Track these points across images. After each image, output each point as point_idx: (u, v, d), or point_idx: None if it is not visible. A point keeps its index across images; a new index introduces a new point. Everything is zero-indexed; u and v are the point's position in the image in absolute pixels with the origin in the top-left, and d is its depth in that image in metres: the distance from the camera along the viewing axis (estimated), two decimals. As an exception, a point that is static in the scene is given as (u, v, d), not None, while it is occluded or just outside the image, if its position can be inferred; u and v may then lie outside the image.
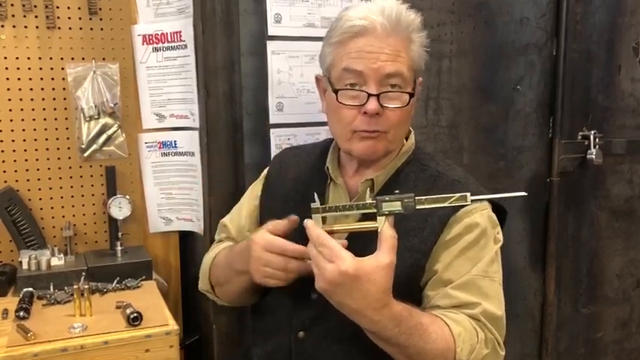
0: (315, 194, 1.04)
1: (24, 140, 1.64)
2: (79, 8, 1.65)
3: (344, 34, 1.10)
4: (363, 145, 1.12)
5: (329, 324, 1.12)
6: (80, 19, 1.65)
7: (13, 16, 1.59)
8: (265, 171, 1.37)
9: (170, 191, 1.74)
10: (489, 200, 1.14)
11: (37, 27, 1.61)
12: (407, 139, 1.22)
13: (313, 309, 1.13)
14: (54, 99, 1.66)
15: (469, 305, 1.07)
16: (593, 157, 1.97)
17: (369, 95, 1.08)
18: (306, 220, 1.01)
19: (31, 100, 1.64)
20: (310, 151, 1.33)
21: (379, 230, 0.96)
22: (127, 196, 1.68)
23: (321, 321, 1.13)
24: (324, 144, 1.32)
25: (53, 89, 1.65)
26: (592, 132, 1.99)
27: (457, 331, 1.02)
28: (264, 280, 1.09)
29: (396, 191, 0.99)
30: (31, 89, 1.63)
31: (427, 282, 1.11)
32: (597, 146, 1.98)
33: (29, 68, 1.62)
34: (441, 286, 1.09)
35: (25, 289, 1.47)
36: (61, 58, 1.65)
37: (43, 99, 1.65)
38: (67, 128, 1.68)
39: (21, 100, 1.63)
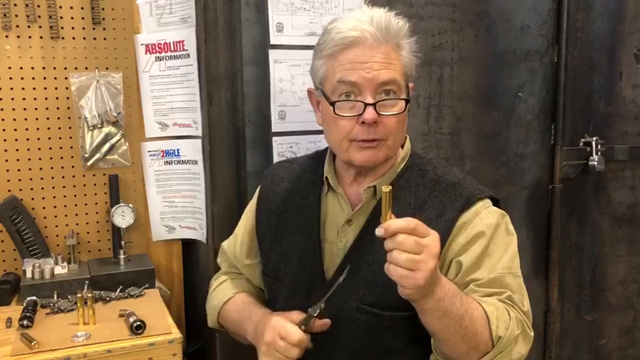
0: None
1: (28, 149, 1.65)
2: (83, 18, 1.66)
3: (335, 46, 1.11)
4: (363, 155, 1.12)
5: (339, 334, 1.13)
6: (84, 29, 1.66)
7: (17, 26, 1.60)
8: (258, 189, 1.36)
9: (173, 199, 1.74)
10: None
11: (40, 37, 1.62)
12: (402, 145, 1.22)
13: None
14: (57, 108, 1.67)
15: (496, 294, 1.09)
16: (595, 163, 1.97)
17: (366, 105, 1.09)
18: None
19: (35, 109, 1.65)
20: (302, 163, 1.33)
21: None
22: (130, 205, 1.69)
23: (331, 332, 1.13)
24: (316, 155, 1.32)
25: (57, 98, 1.66)
26: (594, 138, 1.99)
27: (489, 309, 1.04)
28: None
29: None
30: (35, 99, 1.64)
31: None
32: (599, 153, 1.98)
33: (33, 78, 1.63)
34: (465, 287, 1.10)
35: (28, 298, 1.47)
36: (65, 68, 1.66)
37: (47, 108, 1.66)
38: (70, 137, 1.69)
39: (25, 109, 1.64)
